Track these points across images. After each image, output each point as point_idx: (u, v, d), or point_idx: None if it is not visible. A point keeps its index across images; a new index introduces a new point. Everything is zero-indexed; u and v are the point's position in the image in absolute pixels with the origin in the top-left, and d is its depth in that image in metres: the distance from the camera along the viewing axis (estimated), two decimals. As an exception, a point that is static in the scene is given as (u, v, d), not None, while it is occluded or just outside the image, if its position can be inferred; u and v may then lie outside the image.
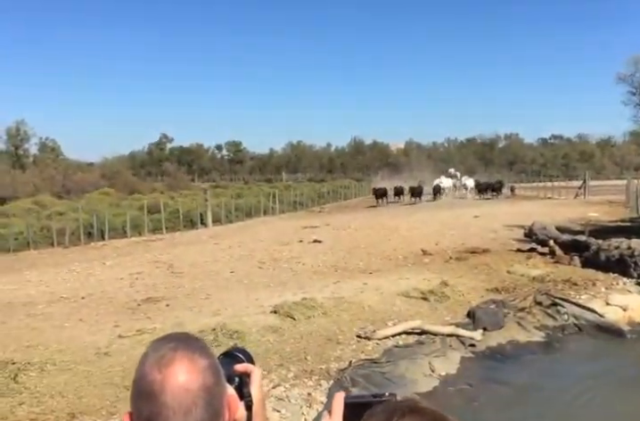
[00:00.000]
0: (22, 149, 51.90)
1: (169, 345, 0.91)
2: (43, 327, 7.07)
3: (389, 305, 8.41)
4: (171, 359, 0.89)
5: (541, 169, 61.84)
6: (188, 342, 0.94)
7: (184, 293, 9.08)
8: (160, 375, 0.87)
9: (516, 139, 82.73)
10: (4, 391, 4.92)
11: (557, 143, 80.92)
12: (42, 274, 11.38)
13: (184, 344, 0.92)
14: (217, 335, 6.50)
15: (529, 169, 64.48)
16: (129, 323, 7.18)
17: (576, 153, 69.09)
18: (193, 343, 0.95)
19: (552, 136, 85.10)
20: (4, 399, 4.80)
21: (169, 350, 0.90)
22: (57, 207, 24.39)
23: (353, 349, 6.80)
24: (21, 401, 4.79)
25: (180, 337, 0.96)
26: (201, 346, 0.95)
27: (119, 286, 9.77)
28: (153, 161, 74.03)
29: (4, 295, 9.16)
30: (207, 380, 0.90)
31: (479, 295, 9.18)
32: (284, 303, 7.86)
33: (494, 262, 11.42)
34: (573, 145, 74.34)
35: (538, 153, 72.12)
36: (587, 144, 75.31)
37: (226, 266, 11.71)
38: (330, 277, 10.24)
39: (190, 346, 0.93)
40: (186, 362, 0.89)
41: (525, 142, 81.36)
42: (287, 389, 5.66)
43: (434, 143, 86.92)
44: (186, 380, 0.88)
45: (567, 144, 77.42)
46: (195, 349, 0.93)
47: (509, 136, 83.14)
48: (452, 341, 7.36)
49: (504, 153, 75.18)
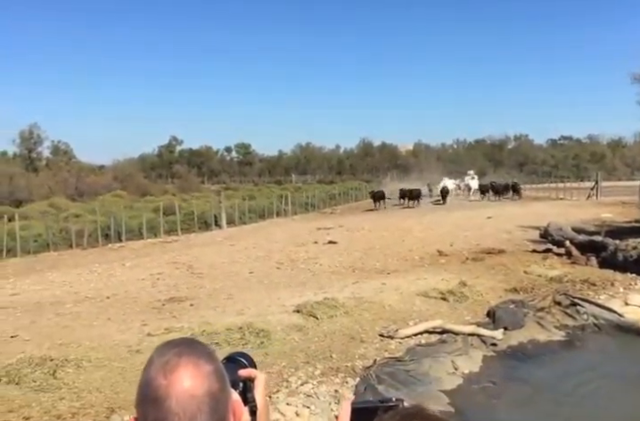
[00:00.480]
0: (35, 152, 52.51)
1: (174, 350, 0.91)
2: (73, 326, 7.24)
3: (409, 305, 8.51)
4: (176, 365, 0.89)
5: (552, 170, 61.54)
6: (193, 347, 0.94)
7: (206, 293, 9.23)
8: (165, 380, 0.87)
9: (526, 140, 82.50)
10: (44, 386, 5.08)
11: (566, 144, 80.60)
12: (64, 275, 11.58)
13: (190, 349, 0.93)
14: (245, 334, 6.64)
15: (539, 170, 64.18)
16: (156, 322, 7.34)
17: (587, 154, 68.72)
18: (199, 348, 0.95)
19: (561, 137, 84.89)
20: (46, 394, 4.96)
21: (174, 355, 0.90)
22: (72, 209, 24.73)
23: (376, 347, 6.91)
24: (62, 396, 4.95)
25: (185, 342, 0.96)
26: (206, 351, 0.95)
27: (142, 286, 9.95)
28: (163, 164, 74.53)
29: (30, 295, 9.36)
30: (212, 385, 0.90)
31: (497, 295, 9.25)
32: (307, 303, 7.99)
33: (510, 263, 11.48)
34: (584, 146, 73.95)
35: (549, 154, 71.79)
36: (598, 144, 74.92)
37: (245, 267, 11.86)
38: (348, 278, 10.36)
39: (195, 351, 0.93)
40: (191, 367, 0.90)
41: (535, 143, 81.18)
42: (315, 386, 5.78)
43: (443, 144, 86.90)
44: (191, 386, 0.88)
45: (577, 145, 77.08)
46: (201, 354, 0.93)
47: (518, 137, 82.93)
48: (473, 340, 7.43)
49: (514, 154, 74.91)
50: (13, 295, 9.41)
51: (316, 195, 34.72)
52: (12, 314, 7.98)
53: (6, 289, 10.04)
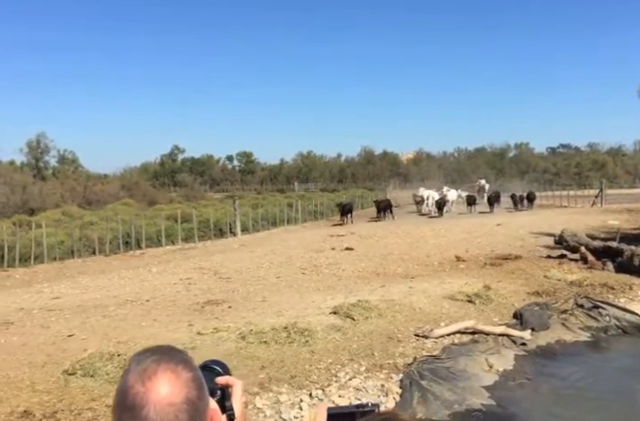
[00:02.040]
0: (42, 161, 52.98)
1: (152, 358, 0.91)
2: (123, 326, 7.59)
3: (437, 307, 8.87)
4: (154, 372, 0.89)
5: (554, 178, 62.04)
6: (171, 355, 0.93)
7: (240, 297, 9.58)
8: (142, 388, 0.87)
9: (526, 149, 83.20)
10: (117, 378, 5.41)
11: (566, 152, 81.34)
12: (95, 280, 11.93)
13: (168, 357, 0.92)
14: (290, 333, 6.99)
15: (541, 178, 64.68)
16: (201, 322, 7.69)
17: (588, 162, 69.31)
18: (177, 356, 0.94)
19: (560, 146, 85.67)
20: (119, 386, 5.31)
21: (152, 362, 0.90)
22: (86, 217, 25.08)
23: (413, 346, 7.26)
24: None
25: (163, 350, 0.95)
26: (184, 359, 0.94)
27: (176, 290, 10.30)
28: (165, 172, 75.00)
29: (72, 299, 9.71)
30: (190, 393, 0.89)
31: (520, 298, 9.62)
32: (342, 305, 8.35)
33: (529, 268, 11.86)
34: (585, 155, 74.64)
35: (550, 163, 72.40)
36: (599, 153, 75.63)
37: (270, 272, 12.22)
38: (374, 282, 10.72)
39: (173, 359, 0.92)
40: (169, 375, 0.89)
41: (535, 151, 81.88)
42: (362, 381, 6.14)
43: (444, 152, 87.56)
44: (169, 393, 0.87)
45: (577, 154, 77.82)
46: (179, 361, 0.92)
47: (519, 145, 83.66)
48: (504, 340, 7.79)
49: (515, 163, 75.46)
50: (55, 298, 9.75)
51: (324, 203, 35.10)
52: (61, 316, 8.33)
53: (46, 293, 10.39)
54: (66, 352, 6.41)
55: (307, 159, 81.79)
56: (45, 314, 8.48)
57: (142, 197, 42.49)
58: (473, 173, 65.93)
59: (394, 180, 68.47)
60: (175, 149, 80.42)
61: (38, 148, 52.43)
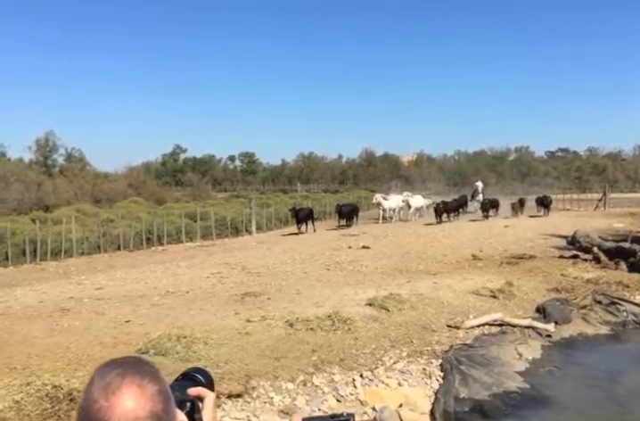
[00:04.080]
0: (51, 159, 53.33)
1: (117, 371, 0.89)
2: (174, 314, 8.08)
3: (464, 301, 9.39)
4: (118, 386, 0.87)
5: (554, 182, 62.62)
6: (137, 368, 0.92)
7: (275, 289, 10.07)
8: (106, 402, 0.85)
9: (526, 152, 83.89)
10: (186, 357, 5.94)
11: (564, 156, 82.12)
12: (127, 273, 12.40)
13: (133, 370, 0.90)
14: (334, 321, 7.49)
15: (542, 181, 65.27)
16: (247, 311, 8.18)
17: (589, 167, 70.04)
18: (143, 368, 0.92)
19: (559, 150, 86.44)
20: (190, 363, 5.78)
21: (117, 375, 0.88)
22: (102, 214, 25.55)
23: (447, 336, 7.78)
24: (205, 365, 5.75)
25: (129, 362, 0.93)
26: (150, 371, 0.92)
27: (211, 283, 10.79)
28: (167, 172, 75.42)
29: (114, 290, 10.19)
30: (155, 407, 0.88)
31: (541, 294, 10.15)
32: (376, 298, 8.86)
33: (545, 266, 12.39)
34: (586, 159, 75.41)
35: (551, 166, 73.07)
36: (598, 157, 76.42)
37: (296, 268, 12.71)
38: (399, 278, 11.23)
39: (139, 372, 0.91)
40: (135, 388, 0.88)
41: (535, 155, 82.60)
42: (406, 364, 6.65)
43: (445, 155, 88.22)
44: (134, 407, 0.86)
45: (576, 158, 78.62)
46: (145, 374, 0.91)
47: (519, 148, 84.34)
48: (529, 332, 8.32)
49: (516, 166, 76.07)
50: (99, 289, 10.23)
51: (330, 204, 35.57)
52: (111, 304, 8.81)
53: (87, 284, 10.86)
54: (130, 335, 6.89)
55: (309, 160, 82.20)
56: (95, 302, 8.96)
57: (149, 196, 42.94)
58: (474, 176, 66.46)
59: (395, 182, 69.11)
60: (177, 148, 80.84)
61: (47, 146, 52.79)
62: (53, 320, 7.77)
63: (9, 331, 7.14)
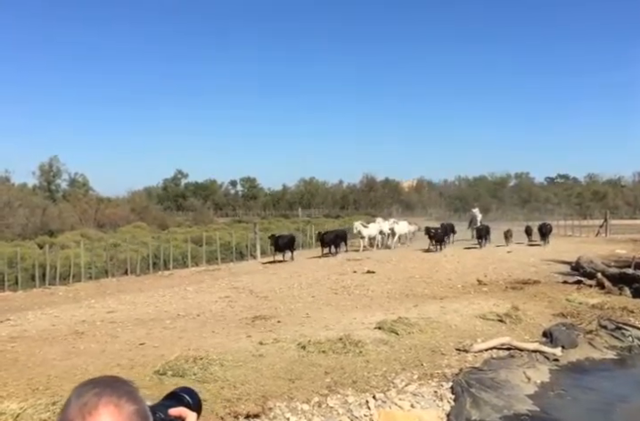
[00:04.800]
0: (54, 184, 53.94)
1: (94, 391, 0.88)
2: (187, 337, 8.20)
3: (471, 325, 9.51)
4: (95, 407, 0.86)
5: (555, 208, 62.92)
6: (114, 387, 0.91)
7: (284, 313, 10.20)
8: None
9: (527, 178, 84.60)
10: (204, 378, 6.07)
11: (564, 182, 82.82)
12: (137, 297, 12.53)
13: (110, 389, 0.90)
14: (345, 344, 7.62)
15: (542, 207, 65.59)
16: (258, 334, 8.31)
17: (589, 193, 70.53)
18: (120, 388, 0.91)
19: (558, 176, 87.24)
20: (209, 384, 5.94)
21: (94, 395, 0.87)
22: (107, 239, 25.76)
23: (456, 359, 7.89)
24: (222, 386, 5.93)
25: (106, 382, 0.92)
26: (128, 391, 0.92)
27: (221, 307, 10.92)
28: (169, 197, 75.90)
29: (126, 313, 10.32)
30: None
31: (547, 319, 10.27)
32: (385, 321, 8.99)
33: (550, 292, 12.52)
34: (586, 185, 76.04)
35: (552, 192, 73.58)
36: (599, 183, 77.04)
37: (303, 292, 12.84)
38: (406, 302, 11.36)
39: (116, 391, 0.90)
40: (111, 409, 0.87)
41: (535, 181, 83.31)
42: (417, 387, 6.75)
43: (445, 180, 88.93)
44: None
45: (576, 184, 79.30)
46: (122, 394, 0.90)
47: (519, 174, 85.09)
48: (537, 356, 8.42)
49: (516, 192, 76.57)
50: (110, 313, 10.36)
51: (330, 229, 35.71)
52: (124, 327, 8.94)
53: (98, 308, 10.99)
54: (146, 357, 7.02)
55: (310, 185, 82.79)
56: (108, 326, 9.09)
57: (152, 220, 43.24)
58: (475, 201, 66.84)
59: (396, 207, 69.49)
60: (178, 173, 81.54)
61: (51, 171, 53.51)
62: (69, 343, 7.90)
63: (27, 353, 7.27)
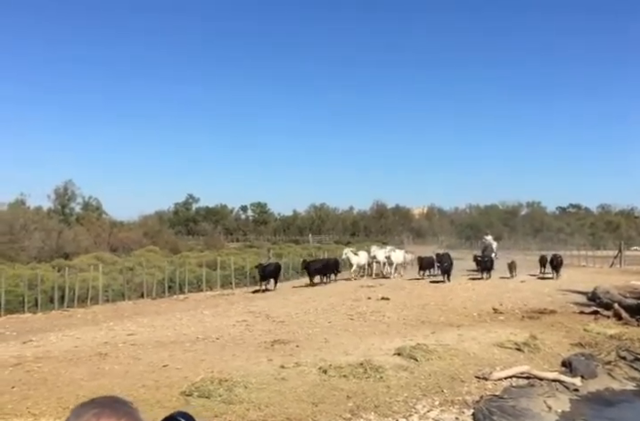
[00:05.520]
0: (68, 208, 54.63)
1: (93, 411, 0.89)
2: (209, 359, 8.30)
3: (489, 353, 9.52)
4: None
5: (567, 238, 62.47)
6: (114, 408, 0.91)
7: (303, 338, 10.27)
8: None
9: (539, 207, 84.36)
10: (229, 399, 6.17)
11: (576, 212, 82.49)
12: (154, 320, 12.66)
13: (110, 410, 0.90)
14: (366, 369, 7.69)
15: (555, 237, 65.18)
16: (279, 358, 8.39)
17: (602, 223, 70.16)
18: (120, 408, 0.92)
19: (570, 206, 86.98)
20: (234, 405, 6.04)
21: (92, 416, 0.88)
22: (123, 263, 26.02)
23: (476, 386, 7.91)
24: (247, 408, 6.02)
25: (105, 402, 0.93)
26: (127, 412, 0.92)
27: (239, 331, 11.01)
28: (180, 221, 76.45)
29: (146, 336, 10.44)
30: None
31: (565, 349, 10.25)
32: (404, 347, 9.04)
33: (567, 321, 12.49)
34: (599, 215, 75.72)
35: (564, 222, 73.24)
36: (611, 214, 76.70)
37: (319, 317, 12.90)
38: (423, 329, 11.38)
39: (115, 412, 0.90)
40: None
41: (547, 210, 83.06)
42: (438, 413, 6.79)
43: (456, 208, 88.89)
44: None
45: (588, 214, 78.97)
46: (121, 415, 0.90)
47: (531, 203, 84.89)
48: (557, 385, 8.41)
49: (528, 221, 76.24)
50: (130, 335, 10.48)
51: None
52: (145, 349, 9.06)
53: (117, 330, 11.12)
54: (170, 379, 7.13)
55: (321, 211, 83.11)
56: (130, 348, 9.21)
57: (164, 244, 43.55)
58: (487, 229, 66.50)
59: (406, 234, 69.37)
60: (189, 198, 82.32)
61: (65, 195, 54.27)
62: (93, 364, 8.02)
63: (54, 373, 7.40)
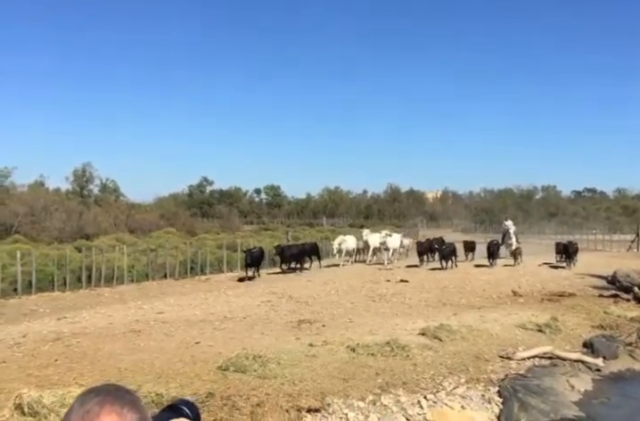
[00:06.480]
0: (86, 190, 55.40)
1: (96, 399, 0.89)
2: (239, 337, 8.57)
3: (512, 334, 9.69)
4: (96, 415, 0.87)
5: (583, 222, 62.03)
6: (117, 396, 0.92)
7: (328, 318, 10.52)
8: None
9: (554, 191, 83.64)
10: (264, 375, 6.42)
11: (592, 196, 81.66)
12: (180, 300, 12.97)
13: (113, 398, 0.90)
14: (393, 348, 7.90)
15: (570, 221, 64.74)
16: (306, 337, 8.64)
17: (618, 208, 69.48)
18: (123, 397, 0.92)
19: (585, 190, 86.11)
20: (269, 380, 6.29)
21: (96, 404, 0.88)
22: (141, 244, 26.47)
23: (500, 366, 8.09)
24: (282, 383, 6.27)
25: (109, 390, 0.93)
26: (131, 400, 0.92)
27: (265, 310, 11.28)
28: (194, 203, 76.98)
29: (174, 315, 10.75)
30: None
31: (586, 330, 10.39)
32: (428, 328, 9.24)
33: (587, 304, 12.60)
34: (615, 199, 74.91)
35: (580, 206, 72.66)
36: (628, 198, 75.82)
37: (342, 299, 13.14)
38: (445, 310, 11.57)
39: (119, 400, 0.91)
40: (113, 417, 0.88)
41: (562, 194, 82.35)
42: (465, 390, 6.99)
43: (470, 192, 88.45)
44: None
45: (603, 198, 78.19)
46: (124, 403, 0.90)
47: (546, 187, 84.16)
48: (579, 365, 8.58)
49: (543, 205, 75.73)
50: (160, 313, 10.80)
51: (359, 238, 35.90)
52: (176, 327, 9.36)
53: (146, 309, 11.45)
54: (205, 354, 7.40)
55: (334, 194, 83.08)
56: (161, 325, 9.52)
57: (181, 226, 44.01)
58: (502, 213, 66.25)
59: (420, 218, 69.33)
60: (204, 181, 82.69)
61: (84, 177, 55.02)
62: (129, 340, 8.33)
63: (93, 348, 7.71)
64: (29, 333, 8.93)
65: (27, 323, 10.03)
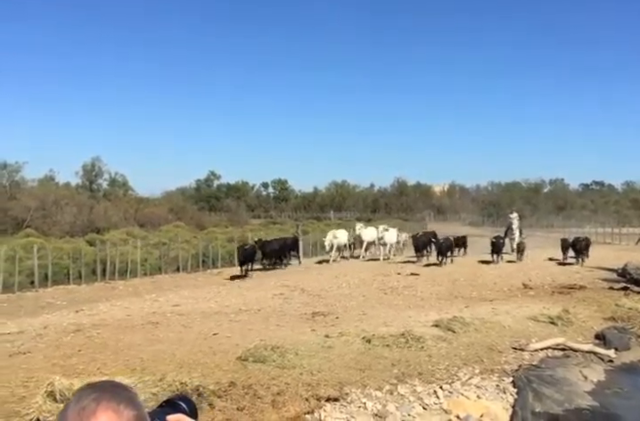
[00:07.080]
0: (96, 184, 55.77)
1: (93, 396, 0.90)
2: (255, 329, 8.71)
3: (524, 326, 9.77)
4: (93, 412, 0.87)
5: (591, 215, 61.77)
6: (114, 392, 0.92)
7: (341, 310, 10.65)
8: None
9: (562, 185, 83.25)
10: (283, 365, 6.56)
11: (600, 189, 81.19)
12: (194, 292, 13.15)
13: (109, 394, 0.91)
14: (407, 339, 8.02)
15: (578, 214, 64.48)
16: (322, 329, 8.76)
17: (627, 201, 69.12)
18: (120, 393, 0.92)
19: (593, 183, 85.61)
20: (288, 370, 6.43)
21: (92, 401, 0.89)
22: (153, 238, 26.69)
23: (514, 357, 8.20)
24: (300, 372, 6.40)
25: (105, 387, 0.93)
26: (127, 396, 0.93)
27: (279, 303, 11.43)
28: (202, 197, 77.23)
29: (190, 307, 10.91)
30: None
31: (597, 322, 10.46)
32: (441, 320, 9.35)
33: (598, 297, 12.66)
34: (624, 192, 74.47)
35: (588, 199, 72.33)
36: (636, 191, 75.37)
37: (354, 291, 13.27)
38: (457, 303, 11.67)
39: (115, 396, 0.91)
40: (110, 414, 0.88)
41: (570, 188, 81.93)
42: (480, 380, 7.10)
43: (478, 185, 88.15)
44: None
45: (611, 191, 77.75)
46: (121, 399, 0.91)
47: (554, 181, 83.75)
48: (591, 356, 8.67)
49: (551, 198, 75.41)
50: (175, 306, 10.97)
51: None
52: (193, 319, 9.52)
53: (162, 301, 11.63)
54: (223, 345, 7.55)
55: (341, 188, 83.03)
56: (178, 317, 9.68)
57: (189, 220, 44.28)
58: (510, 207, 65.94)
59: (428, 212, 69.29)
60: (211, 175, 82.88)
61: (93, 171, 55.35)
62: (148, 331, 8.49)
63: (114, 339, 7.88)
64: (50, 324, 9.11)
65: (46, 315, 10.24)
